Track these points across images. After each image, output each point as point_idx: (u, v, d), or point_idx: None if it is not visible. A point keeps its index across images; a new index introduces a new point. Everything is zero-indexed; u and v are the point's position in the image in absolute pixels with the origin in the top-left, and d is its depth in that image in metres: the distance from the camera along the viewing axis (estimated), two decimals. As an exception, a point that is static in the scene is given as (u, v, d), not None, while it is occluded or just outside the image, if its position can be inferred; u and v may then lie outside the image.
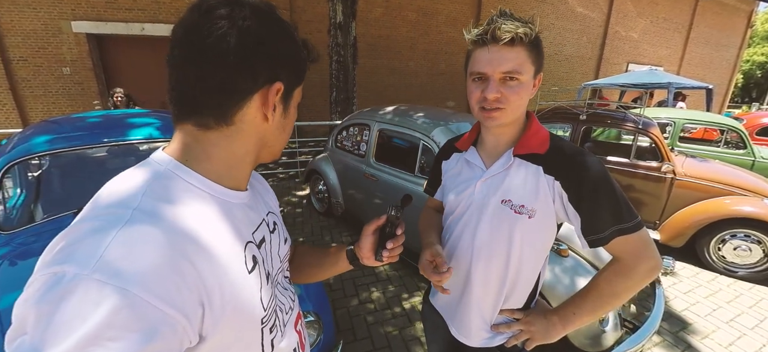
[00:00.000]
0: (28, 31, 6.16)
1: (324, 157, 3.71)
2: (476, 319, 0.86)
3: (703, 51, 13.80)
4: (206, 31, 0.41)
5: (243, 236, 0.48)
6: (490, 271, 0.81)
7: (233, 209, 0.49)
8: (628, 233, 0.69)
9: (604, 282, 0.75)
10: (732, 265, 2.86)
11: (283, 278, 0.65)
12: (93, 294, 0.31)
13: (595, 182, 0.70)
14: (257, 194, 0.62)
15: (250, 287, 0.46)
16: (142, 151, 2.02)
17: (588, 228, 0.71)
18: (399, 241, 0.68)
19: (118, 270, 0.33)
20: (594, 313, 0.77)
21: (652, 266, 0.70)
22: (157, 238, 0.36)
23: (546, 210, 0.75)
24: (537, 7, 10.17)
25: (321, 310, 1.51)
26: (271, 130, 0.51)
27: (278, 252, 0.61)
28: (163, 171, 0.44)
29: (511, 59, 0.68)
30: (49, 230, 1.57)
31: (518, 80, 0.70)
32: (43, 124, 2.03)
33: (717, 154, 4.17)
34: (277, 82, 0.47)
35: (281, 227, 0.66)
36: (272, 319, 0.52)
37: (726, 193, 2.87)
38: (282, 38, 0.47)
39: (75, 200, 1.72)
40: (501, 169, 0.79)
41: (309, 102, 8.07)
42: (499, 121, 0.73)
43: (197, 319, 0.38)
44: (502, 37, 0.66)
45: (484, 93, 0.71)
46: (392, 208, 0.67)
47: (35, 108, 6.57)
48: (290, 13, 7.40)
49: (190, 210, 0.42)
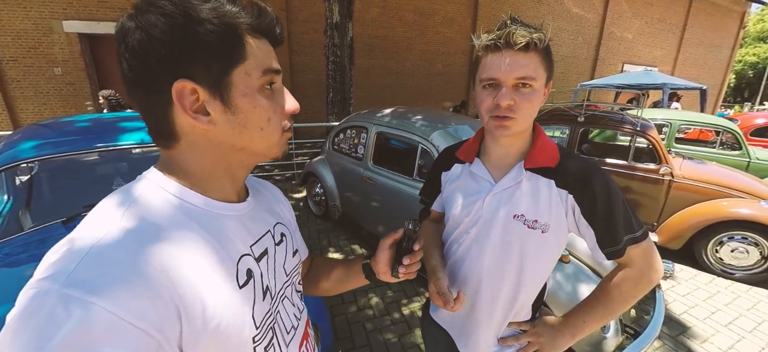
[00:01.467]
0: (18, 30, 6.03)
1: (321, 160, 3.67)
2: (484, 334, 0.84)
3: (696, 52, 13.93)
4: (117, 59, 0.41)
5: (236, 249, 0.47)
6: (501, 287, 0.79)
7: (224, 221, 0.47)
8: (639, 241, 0.70)
9: (615, 290, 0.75)
10: (729, 267, 2.86)
11: (295, 292, 0.62)
12: (60, 309, 0.31)
13: (607, 195, 0.70)
14: (263, 203, 0.59)
15: (239, 303, 0.44)
16: (134, 155, 1.97)
17: (604, 241, 0.71)
18: (416, 257, 0.65)
19: (87, 285, 0.32)
20: (603, 320, 0.77)
21: (658, 268, 0.73)
22: (133, 253, 0.36)
23: (559, 224, 0.74)
24: (533, 8, 10.19)
25: (318, 318, 1.48)
26: (225, 132, 0.44)
27: (284, 265, 0.58)
28: (151, 186, 0.44)
29: (526, 65, 0.66)
30: (36, 239, 1.52)
31: (532, 87, 0.67)
32: (32, 128, 1.97)
33: (713, 155, 4.19)
34: (178, 81, 0.39)
35: (291, 238, 0.63)
36: (267, 337, 0.49)
37: (723, 195, 2.87)
38: (172, 31, 0.38)
39: (63, 207, 1.67)
40: (512, 182, 0.76)
41: (305, 103, 7.98)
42: (511, 130, 0.70)
43: (174, 334, 0.36)
44: (518, 43, 0.64)
45: (496, 100, 0.68)
46: (410, 221, 0.64)
47: (26, 109, 6.44)
48: (286, 13, 7.33)
49: (172, 224, 0.41)
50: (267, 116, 0.46)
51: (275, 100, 0.47)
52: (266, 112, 0.46)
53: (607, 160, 3.35)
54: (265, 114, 0.45)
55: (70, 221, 1.56)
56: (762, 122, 5.54)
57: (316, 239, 3.41)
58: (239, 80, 0.43)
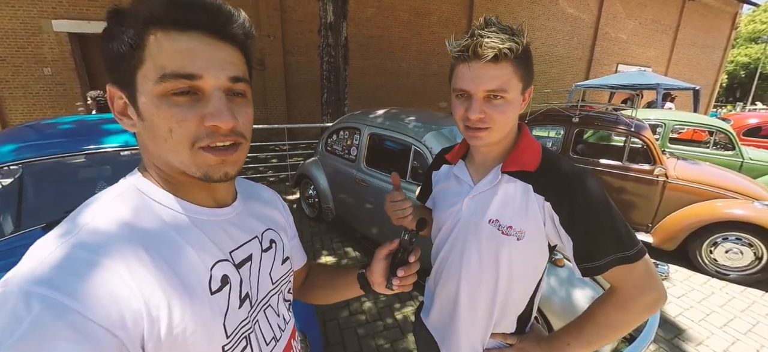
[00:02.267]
0: (6, 30, 5.91)
1: (314, 161, 3.63)
2: (465, 343, 0.81)
3: (690, 52, 14.07)
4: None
5: (210, 255, 0.45)
6: (479, 294, 0.76)
7: (200, 225, 0.46)
8: (630, 261, 0.62)
9: (601, 315, 0.68)
10: (724, 268, 2.86)
11: (282, 301, 0.59)
12: (21, 305, 0.31)
13: (589, 204, 0.63)
14: (253, 209, 0.57)
15: (209, 310, 0.43)
16: (119, 158, 1.91)
17: (581, 255, 0.65)
18: (412, 269, 0.62)
19: (50, 282, 0.32)
20: (590, 345, 0.70)
21: (655, 298, 0.63)
22: (99, 253, 0.36)
23: (536, 231, 0.69)
24: (528, 9, 10.22)
25: (307, 327, 1.43)
26: (146, 138, 0.43)
27: (270, 273, 0.55)
28: (128, 188, 0.44)
29: (495, 77, 0.62)
30: (19, 246, 1.46)
31: (504, 98, 0.64)
32: (14, 131, 1.91)
33: (706, 155, 4.20)
34: (108, 85, 0.42)
35: (281, 245, 0.60)
36: (240, 347, 0.47)
37: (717, 196, 2.87)
38: (103, 35, 0.40)
39: (48, 212, 1.62)
40: (488, 186, 0.74)
41: (299, 104, 7.98)
42: (485, 140, 0.68)
43: (138, 335, 0.36)
44: (485, 55, 0.60)
45: (467, 112, 0.65)
46: (406, 232, 0.61)
47: (15, 110, 6.32)
48: (280, 12, 7.28)
49: (143, 227, 0.41)
50: (168, 127, 0.40)
51: (185, 109, 0.39)
52: (166, 122, 0.39)
53: (601, 161, 3.33)
54: (165, 124, 0.39)
55: (50, 226, 1.51)
56: (755, 122, 5.58)
57: (309, 241, 3.36)
58: (141, 85, 0.39)
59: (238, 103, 0.44)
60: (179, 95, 0.39)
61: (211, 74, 0.40)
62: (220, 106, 0.41)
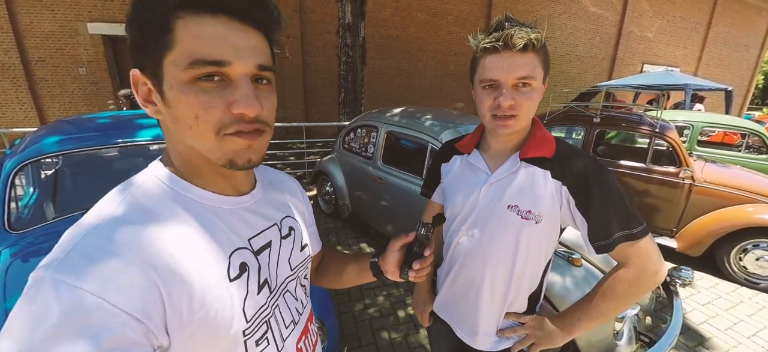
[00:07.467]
0: (46, 32, 6.32)
1: (331, 159, 3.70)
2: (482, 323, 0.86)
3: (721, 51, 13.35)
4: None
5: (229, 242, 0.46)
6: (496, 276, 0.81)
7: (218, 213, 0.47)
8: (635, 239, 0.69)
9: (607, 288, 0.75)
10: (753, 276, 2.73)
11: (299, 286, 0.62)
12: (51, 295, 0.32)
13: (602, 187, 0.70)
14: (272, 197, 0.59)
15: (228, 296, 0.44)
16: (152, 151, 2.03)
17: (596, 234, 0.71)
18: (426, 262, 0.64)
19: (76, 271, 0.34)
20: (597, 318, 0.76)
21: (655, 270, 0.70)
22: (122, 241, 0.37)
23: (552, 215, 0.75)
24: (548, 7, 9.98)
25: (324, 315, 1.49)
26: (171, 125, 0.43)
27: (289, 259, 0.58)
28: (149, 177, 0.46)
29: (525, 65, 0.68)
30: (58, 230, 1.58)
31: (531, 86, 0.69)
32: (55, 125, 2.06)
33: (738, 159, 4.01)
34: (132, 70, 0.42)
35: (300, 232, 0.62)
36: (260, 331, 0.49)
37: (748, 200, 2.74)
38: (128, 20, 0.40)
39: (84, 199, 1.73)
40: (506, 173, 0.78)
41: (317, 102, 8.11)
42: (513, 128, 0.72)
43: (161, 320, 0.37)
44: (517, 44, 0.66)
45: (498, 100, 0.69)
46: (422, 226, 0.64)
47: (52, 107, 6.74)
48: (300, 13, 7.42)
49: (164, 215, 0.42)
50: (194, 113, 0.39)
51: (213, 96, 0.39)
52: (192, 109, 0.39)
53: (623, 162, 3.24)
54: (191, 110, 0.39)
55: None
56: (792, 125, 5.26)
57: (325, 236, 3.43)
58: (168, 70, 0.39)
59: (264, 90, 0.44)
60: (206, 81, 0.39)
61: (240, 61, 0.40)
62: (248, 92, 0.40)
